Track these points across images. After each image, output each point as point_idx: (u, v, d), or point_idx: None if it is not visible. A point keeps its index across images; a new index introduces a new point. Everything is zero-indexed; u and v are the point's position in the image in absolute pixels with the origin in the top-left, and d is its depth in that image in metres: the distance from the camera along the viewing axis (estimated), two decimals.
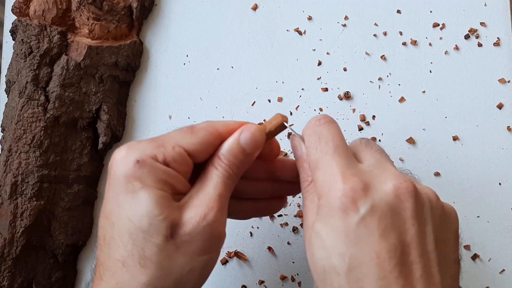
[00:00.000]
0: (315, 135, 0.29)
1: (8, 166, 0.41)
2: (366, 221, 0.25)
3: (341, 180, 0.26)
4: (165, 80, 0.48)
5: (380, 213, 0.25)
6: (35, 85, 0.43)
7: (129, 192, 0.27)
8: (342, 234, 0.25)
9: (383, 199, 0.25)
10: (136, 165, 0.27)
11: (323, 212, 0.26)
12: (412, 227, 0.25)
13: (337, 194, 0.25)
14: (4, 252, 0.40)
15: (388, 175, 0.26)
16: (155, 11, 0.50)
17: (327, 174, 0.27)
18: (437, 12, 0.47)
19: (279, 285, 0.43)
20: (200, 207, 0.28)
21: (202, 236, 0.27)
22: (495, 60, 0.46)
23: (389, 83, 0.46)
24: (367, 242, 0.24)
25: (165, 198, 0.27)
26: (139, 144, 0.28)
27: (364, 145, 0.30)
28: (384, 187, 0.26)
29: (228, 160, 0.29)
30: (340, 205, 0.25)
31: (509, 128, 0.44)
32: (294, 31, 0.48)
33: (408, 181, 0.26)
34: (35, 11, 0.45)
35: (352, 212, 0.25)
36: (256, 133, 0.30)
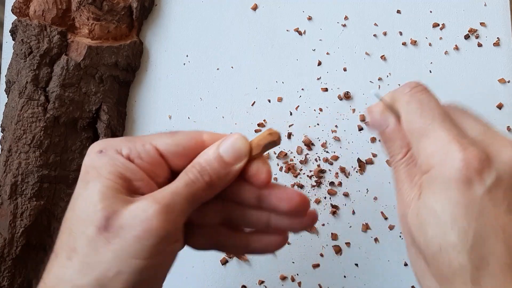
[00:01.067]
0: (415, 101, 0.26)
1: (8, 166, 0.41)
2: (492, 194, 0.22)
3: (459, 149, 0.23)
4: (165, 80, 0.48)
5: (506, 184, 0.23)
6: (35, 85, 0.43)
7: (83, 181, 0.26)
8: (463, 208, 0.22)
9: (507, 170, 0.23)
10: (98, 154, 0.26)
11: (436, 184, 0.23)
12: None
13: (457, 164, 0.23)
14: (4, 252, 0.40)
15: (503, 143, 0.24)
16: (155, 11, 0.50)
17: (438, 142, 0.24)
18: (437, 12, 0.47)
19: (279, 285, 0.43)
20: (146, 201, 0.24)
21: (138, 232, 0.23)
22: (495, 60, 0.46)
23: (389, 83, 0.46)
24: (492, 216, 0.22)
25: (112, 189, 0.25)
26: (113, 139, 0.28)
27: (460, 113, 0.27)
28: (505, 157, 0.23)
29: (199, 165, 0.26)
30: (462, 176, 0.23)
31: (509, 128, 0.44)
32: (294, 31, 0.48)
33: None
34: (35, 11, 0.45)
35: (476, 183, 0.22)
36: (237, 142, 0.27)
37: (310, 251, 0.43)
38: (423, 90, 0.27)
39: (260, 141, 0.27)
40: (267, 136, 0.27)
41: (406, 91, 0.27)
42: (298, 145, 0.45)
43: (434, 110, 0.26)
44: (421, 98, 0.26)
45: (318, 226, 0.43)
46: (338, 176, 0.44)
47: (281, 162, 0.45)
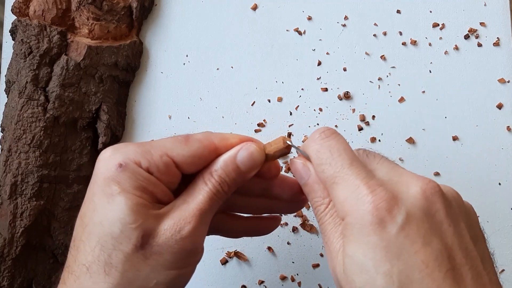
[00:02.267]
0: (325, 149, 0.26)
1: (8, 166, 0.41)
2: (406, 230, 0.22)
3: (368, 192, 0.24)
4: (165, 80, 0.48)
5: (417, 219, 0.23)
6: (35, 85, 0.43)
7: (106, 195, 0.26)
8: (382, 251, 0.22)
9: (415, 204, 0.23)
10: (118, 168, 0.26)
11: (353, 231, 0.24)
12: (449, 228, 0.23)
13: (368, 208, 0.23)
14: (4, 252, 0.40)
15: (409, 179, 0.25)
16: (155, 11, 0.50)
17: (348, 188, 0.24)
18: (437, 12, 0.47)
19: (279, 285, 0.43)
20: (177, 219, 0.26)
21: (173, 249, 0.26)
22: (495, 60, 0.46)
23: (389, 83, 0.46)
24: (411, 252, 0.22)
25: (142, 206, 0.26)
26: (126, 147, 0.27)
27: (366, 156, 0.28)
28: (411, 192, 0.24)
29: (219, 177, 0.28)
30: (374, 218, 0.23)
31: (509, 128, 0.44)
32: (294, 31, 0.48)
33: (431, 181, 0.24)
34: (35, 11, 0.45)
35: (389, 223, 0.23)
36: (255, 153, 0.28)
37: (310, 251, 0.43)
38: (332, 135, 0.27)
39: (276, 152, 0.29)
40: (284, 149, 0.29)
41: (316, 137, 0.27)
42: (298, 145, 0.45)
43: (343, 155, 0.26)
44: (330, 144, 0.27)
45: (318, 226, 0.43)
46: None
47: (281, 162, 0.45)
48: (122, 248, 0.25)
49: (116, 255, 0.25)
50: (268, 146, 0.29)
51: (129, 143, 0.28)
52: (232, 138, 0.29)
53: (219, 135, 0.29)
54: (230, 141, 0.29)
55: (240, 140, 0.29)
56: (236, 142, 0.29)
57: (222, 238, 0.43)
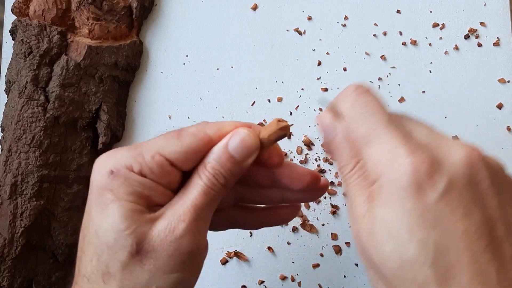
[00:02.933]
0: (360, 104, 0.24)
1: (8, 166, 0.41)
2: (446, 198, 0.21)
3: (406, 153, 0.22)
4: (165, 80, 0.48)
5: (460, 186, 0.21)
6: (35, 85, 0.43)
7: (100, 205, 0.25)
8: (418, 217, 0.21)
9: (459, 172, 0.21)
10: (110, 175, 0.25)
11: (387, 193, 0.22)
12: (493, 199, 0.22)
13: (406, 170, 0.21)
14: (4, 252, 0.40)
15: (452, 144, 0.23)
16: (155, 11, 0.50)
17: (384, 148, 0.23)
18: (437, 12, 0.47)
19: (279, 285, 0.43)
20: (171, 219, 0.25)
21: (169, 251, 0.25)
22: (495, 60, 0.46)
23: (389, 83, 0.46)
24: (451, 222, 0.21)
25: (136, 212, 0.25)
26: (119, 152, 0.26)
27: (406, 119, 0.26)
28: (454, 158, 0.22)
29: (213, 169, 0.26)
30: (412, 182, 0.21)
31: (509, 128, 0.44)
32: (294, 31, 0.48)
33: (475, 148, 0.22)
34: (35, 11, 0.45)
35: (428, 189, 0.21)
36: (247, 139, 0.26)
37: (310, 251, 0.43)
38: (367, 92, 0.25)
39: (270, 136, 0.27)
40: (278, 131, 0.27)
41: (350, 92, 0.25)
42: (298, 145, 0.45)
43: (379, 113, 0.24)
44: (365, 101, 0.24)
45: (318, 226, 0.43)
46: (338, 176, 0.44)
47: None
48: (118, 257, 0.25)
49: (113, 264, 0.25)
50: (263, 130, 0.27)
51: (121, 148, 0.27)
52: (226, 127, 0.27)
53: (214, 124, 0.27)
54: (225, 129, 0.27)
55: (235, 126, 0.27)
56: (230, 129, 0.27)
57: (222, 238, 0.43)
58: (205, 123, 0.27)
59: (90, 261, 0.25)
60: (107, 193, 0.25)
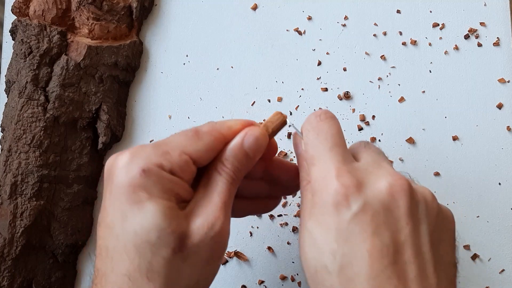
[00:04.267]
0: (314, 131, 0.28)
1: (8, 166, 0.41)
2: (358, 218, 0.24)
3: (335, 176, 0.25)
4: (165, 80, 0.48)
5: (373, 210, 0.24)
6: (35, 85, 0.43)
7: (135, 203, 0.26)
8: (333, 232, 0.24)
9: (376, 197, 0.25)
10: (142, 174, 0.26)
11: (316, 209, 0.26)
12: (406, 226, 0.24)
13: (330, 190, 0.25)
14: (4, 252, 0.40)
15: (383, 173, 0.26)
16: (155, 11, 0.50)
17: (322, 170, 0.26)
18: (437, 12, 0.47)
19: (279, 285, 0.43)
20: (207, 216, 0.27)
21: (210, 246, 0.26)
22: (495, 60, 0.46)
23: (389, 83, 0.46)
24: (359, 240, 0.24)
25: (172, 209, 0.26)
26: (144, 150, 0.27)
27: (363, 146, 0.29)
28: (378, 184, 0.25)
29: (232, 165, 0.28)
30: (332, 201, 0.25)
31: (509, 128, 0.44)
32: (294, 31, 0.48)
33: (403, 179, 0.25)
34: (35, 11, 0.45)
35: (344, 208, 0.24)
36: (260, 137, 0.29)
37: None
38: (326, 120, 0.29)
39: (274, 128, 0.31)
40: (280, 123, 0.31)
41: (311, 119, 0.29)
42: None
43: (328, 140, 0.28)
44: (320, 128, 0.28)
45: None
46: None
47: None
48: (161, 254, 0.25)
49: (156, 261, 0.25)
50: (269, 124, 0.31)
51: (144, 145, 0.28)
52: (235, 125, 0.30)
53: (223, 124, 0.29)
54: (234, 128, 0.29)
55: (242, 125, 0.30)
56: (239, 128, 0.29)
57: None
58: (214, 123, 0.30)
59: (131, 259, 0.26)
60: (141, 191, 0.26)
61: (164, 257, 0.25)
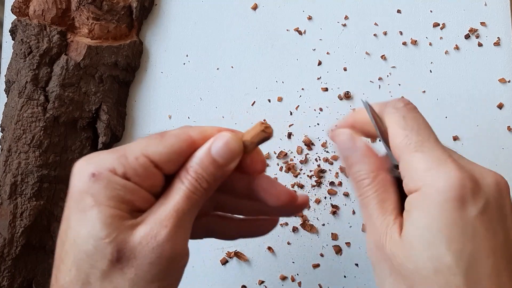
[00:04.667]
0: (411, 117, 0.26)
1: (7, 166, 0.41)
2: (483, 216, 0.23)
3: (456, 168, 0.23)
4: (165, 80, 0.48)
5: (492, 208, 0.23)
6: (35, 85, 0.43)
7: (79, 210, 0.24)
8: (458, 229, 0.22)
9: (492, 194, 0.24)
10: (91, 178, 0.24)
11: (429, 203, 0.23)
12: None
13: (453, 183, 0.23)
14: (3, 252, 0.40)
15: (482, 169, 0.25)
16: (155, 11, 0.50)
17: (434, 159, 0.24)
18: (437, 12, 0.47)
19: (279, 285, 0.43)
20: (153, 224, 0.24)
21: (150, 259, 0.24)
22: (495, 60, 0.45)
23: (389, 83, 0.46)
24: (484, 238, 0.23)
25: (117, 218, 0.24)
26: (99, 155, 0.25)
27: None
28: (487, 181, 0.24)
29: (195, 173, 0.25)
30: (458, 195, 0.22)
31: (509, 128, 0.44)
32: (294, 31, 0.48)
33: (502, 176, 0.25)
34: (35, 11, 0.45)
35: (471, 204, 0.23)
36: (231, 142, 0.26)
37: (310, 251, 0.43)
38: (416, 109, 0.27)
39: (253, 138, 0.27)
40: (261, 133, 0.27)
41: (400, 106, 0.26)
42: (298, 145, 0.45)
43: (429, 129, 0.26)
44: (416, 116, 0.26)
45: (318, 226, 0.43)
46: (338, 176, 0.44)
47: (281, 162, 0.45)
48: (98, 266, 0.23)
49: (93, 274, 0.23)
50: (246, 134, 0.27)
51: (103, 151, 0.26)
52: (210, 130, 0.27)
53: (197, 128, 0.27)
54: (208, 133, 0.27)
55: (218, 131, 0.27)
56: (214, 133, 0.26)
57: None
58: (189, 127, 0.27)
59: (69, 270, 0.24)
60: (87, 197, 0.24)
61: (101, 269, 0.23)
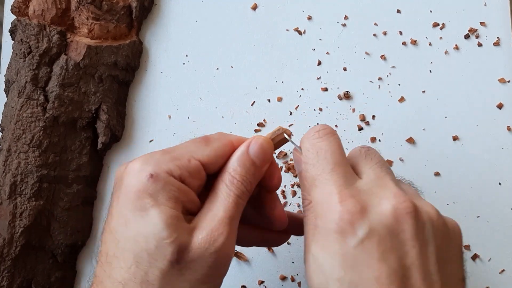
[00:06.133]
0: (313, 149, 0.28)
1: (7, 166, 0.41)
2: (364, 245, 0.24)
3: (338, 201, 0.25)
4: (165, 80, 0.48)
5: (379, 235, 0.24)
6: (34, 84, 0.43)
7: (139, 210, 0.25)
8: (339, 258, 0.24)
9: (382, 221, 0.24)
10: (150, 179, 0.25)
11: (320, 234, 0.25)
12: (413, 249, 0.24)
13: (334, 217, 0.24)
14: (3, 252, 0.39)
15: (387, 194, 0.25)
16: (154, 11, 0.50)
17: (324, 193, 0.26)
18: (437, 12, 0.47)
19: (279, 285, 0.43)
20: (209, 230, 0.25)
21: (208, 263, 0.25)
22: (495, 60, 0.45)
23: (389, 83, 0.46)
24: (366, 266, 0.23)
25: (177, 219, 0.25)
26: (153, 156, 0.27)
27: (364, 155, 0.28)
28: (382, 208, 0.25)
29: (241, 176, 0.27)
30: (337, 228, 0.24)
31: (509, 128, 0.44)
32: (294, 31, 0.48)
33: (408, 201, 0.25)
34: (35, 11, 0.45)
35: (349, 235, 0.24)
36: (265, 144, 0.28)
37: None
38: (325, 136, 0.28)
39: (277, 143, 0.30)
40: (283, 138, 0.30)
41: (309, 136, 0.28)
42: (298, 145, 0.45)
43: (328, 159, 0.27)
44: (319, 146, 0.27)
45: None
46: None
47: (281, 162, 0.45)
48: (158, 265, 0.24)
49: (152, 272, 0.25)
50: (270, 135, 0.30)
51: (154, 152, 0.27)
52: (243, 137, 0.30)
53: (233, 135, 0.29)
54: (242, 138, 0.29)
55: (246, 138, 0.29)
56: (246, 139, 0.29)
57: None
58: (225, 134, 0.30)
59: (128, 267, 0.25)
60: (146, 197, 0.25)
61: (161, 269, 0.25)
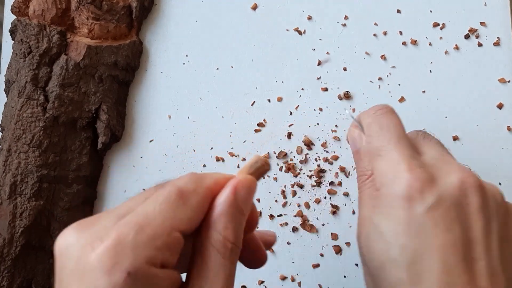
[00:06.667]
0: (376, 123, 0.28)
1: (7, 166, 0.41)
2: (431, 213, 0.24)
3: (406, 169, 0.25)
4: (165, 80, 0.48)
5: (446, 205, 0.24)
6: (35, 84, 0.43)
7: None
8: (404, 225, 0.24)
9: (449, 192, 0.24)
10: (127, 279, 0.19)
11: (384, 202, 0.25)
12: (478, 222, 0.24)
13: (402, 184, 0.24)
14: (3, 252, 0.39)
15: (453, 168, 0.25)
16: (154, 11, 0.50)
17: (390, 162, 0.26)
18: (437, 12, 0.47)
19: (279, 285, 0.43)
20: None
21: None
22: (495, 60, 0.45)
23: (389, 83, 0.46)
24: (432, 234, 0.23)
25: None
26: (125, 238, 0.20)
27: (422, 137, 0.29)
28: (449, 179, 0.25)
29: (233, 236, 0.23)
30: (405, 194, 0.24)
31: (509, 128, 0.44)
32: (294, 30, 0.48)
33: (474, 176, 0.25)
34: (35, 11, 0.45)
35: (417, 202, 0.24)
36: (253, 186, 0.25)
37: (310, 251, 0.43)
38: (386, 113, 0.29)
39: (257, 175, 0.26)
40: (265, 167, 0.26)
41: (370, 113, 0.29)
42: (298, 145, 0.45)
43: (392, 132, 0.27)
44: (381, 121, 0.28)
45: (318, 226, 0.43)
46: (338, 176, 0.44)
47: (281, 162, 0.45)
48: None
49: None
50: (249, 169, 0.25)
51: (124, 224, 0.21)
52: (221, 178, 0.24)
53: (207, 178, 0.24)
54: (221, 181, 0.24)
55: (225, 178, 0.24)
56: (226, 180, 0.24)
57: None
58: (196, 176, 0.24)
59: None
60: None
61: None
